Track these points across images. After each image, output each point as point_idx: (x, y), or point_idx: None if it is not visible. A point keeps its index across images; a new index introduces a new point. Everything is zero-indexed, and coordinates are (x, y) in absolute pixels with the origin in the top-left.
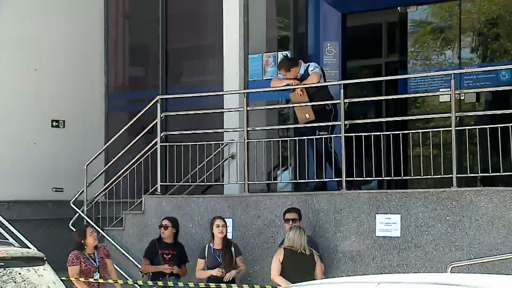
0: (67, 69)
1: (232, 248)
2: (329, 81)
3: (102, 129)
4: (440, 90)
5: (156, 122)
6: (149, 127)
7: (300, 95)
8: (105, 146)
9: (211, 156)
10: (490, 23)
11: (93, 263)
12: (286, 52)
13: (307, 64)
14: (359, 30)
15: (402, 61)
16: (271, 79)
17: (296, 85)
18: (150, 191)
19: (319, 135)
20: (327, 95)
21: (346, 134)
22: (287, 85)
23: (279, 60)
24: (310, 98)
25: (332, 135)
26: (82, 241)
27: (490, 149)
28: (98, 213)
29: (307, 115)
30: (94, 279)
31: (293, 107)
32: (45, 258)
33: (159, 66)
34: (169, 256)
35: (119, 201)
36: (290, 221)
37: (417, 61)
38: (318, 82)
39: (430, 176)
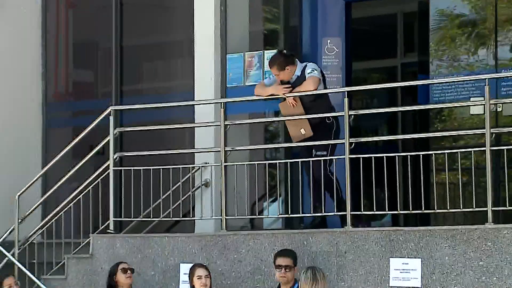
0: None
1: None
2: (330, 88)
3: (38, 149)
4: (471, 99)
5: (109, 140)
6: (99, 147)
7: (293, 105)
8: (43, 170)
9: (178, 184)
10: None
11: None
12: (283, 50)
13: (304, 64)
14: (368, 22)
15: (422, 63)
16: (255, 84)
17: (287, 91)
18: (101, 229)
19: (316, 156)
20: (327, 105)
21: (351, 156)
22: (272, 94)
23: (266, 59)
24: (305, 109)
25: (333, 157)
26: None
27: None
28: (34, 257)
29: (302, 131)
30: None
31: (284, 121)
32: None
33: (112, 68)
34: None
35: (61, 242)
36: (283, 268)
37: (442, 63)
38: (315, 89)
39: (458, 210)
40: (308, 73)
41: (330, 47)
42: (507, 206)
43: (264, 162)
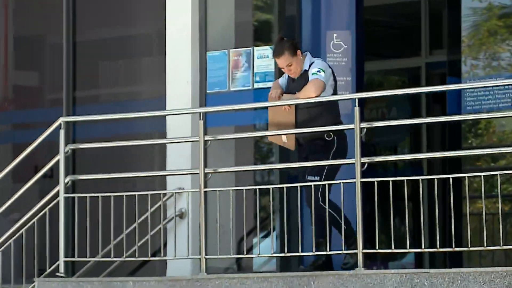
0: None
1: None
2: (337, 94)
3: None
4: None
5: (59, 160)
6: (46, 168)
7: (287, 109)
8: None
9: (146, 215)
10: None
11: None
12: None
13: (313, 60)
14: (384, 12)
15: (452, 63)
16: (243, 90)
17: (279, 93)
18: (48, 271)
19: (307, 180)
20: (332, 117)
21: (363, 179)
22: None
23: (257, 57)
24: (302, 118)
25: (342, 181)
26: None
27: None
28: None
29: (284, 138)
30: None
31: (273, 135)
32: None
33: (62, 70)
34: None
35: None
36: None
37: (477, 62)
38: (317, 96)
39: (498, 247)
40: (312, 74)
41: (336, 43)
42: None
43: (254, 187)
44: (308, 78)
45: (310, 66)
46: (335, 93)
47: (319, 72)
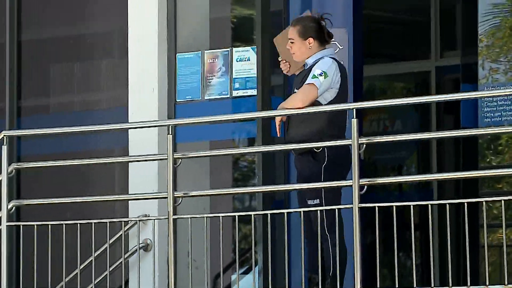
0: None
1: None
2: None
3: None
4: None
5: (0, 181)
6: None
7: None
8: None
9: (105, 247)
10: None
11: None
12: (321, 18)
13: (319, 57)
14: (387, 7)
15: (468, 66)
16: (219, 99)
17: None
18: None
19: (308, 205)
20: (323, 127)
21: (362, 205)
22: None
23: (236, 60)
24: (295, 123)
25: (339, 206)
26: None
27: None
28: None
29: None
30: None
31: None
32: None
33: (5, 73)
34: None
35: None
36: None
37: (497, 66)
38: (303, 106)
39: None
40: (312, 76)
41: (331, 43)
42: None
43: (233, 214)
44: (307, 76)
45: (312, 65)
46: (338, 99)
47: (321, 75)
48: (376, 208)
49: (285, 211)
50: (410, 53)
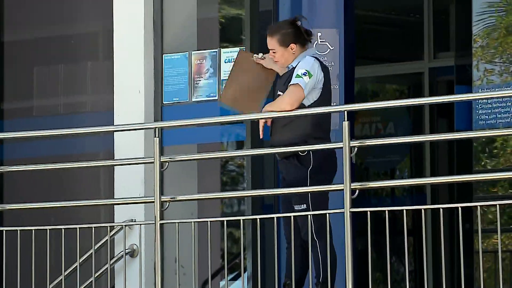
0: None
1: None
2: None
3: None
4: None
5: None
6: None
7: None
8: None
9: (90, 253)
10: None
11: None
12: (297, 20)
13: (303, 56)
14: (379, 7)
15: (462, 67)
16: (207, 101)
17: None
18: None
19: (294, 210)
20: (308, 130)
21: (354, 209)
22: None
23: (224, 61)
24: (279, 126)
25: (329, 211)
26: None
27: None
28: None
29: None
30: None
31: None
32: None
33: None
34: None
35: None
36: None
37: (492, 67)
38: (291, 108)
39: None
40: (296, 76)
41: (321, 44)
42: None
43: (221, 219)
44: (291, 77)
45: (294, 67)
46: (325, 100)
47: (304, 75)
48: (368, 213)
49: (275, 215)
50: (402, 54)
